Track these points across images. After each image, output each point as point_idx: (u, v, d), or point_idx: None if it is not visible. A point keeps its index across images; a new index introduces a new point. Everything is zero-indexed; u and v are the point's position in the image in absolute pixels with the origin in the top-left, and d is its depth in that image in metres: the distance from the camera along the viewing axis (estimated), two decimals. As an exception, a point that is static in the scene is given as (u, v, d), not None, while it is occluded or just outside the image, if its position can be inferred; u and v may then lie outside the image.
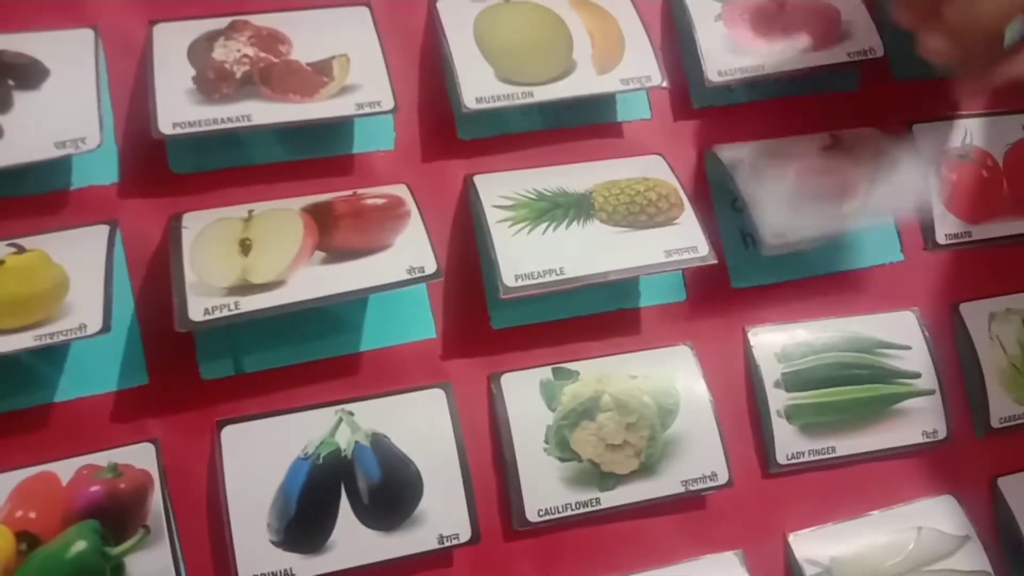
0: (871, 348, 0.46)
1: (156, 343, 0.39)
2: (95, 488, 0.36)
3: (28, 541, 0.35)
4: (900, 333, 0.46)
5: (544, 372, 0.42)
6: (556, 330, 0.43)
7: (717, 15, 0.46)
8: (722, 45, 0.45)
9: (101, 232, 0.38)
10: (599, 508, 0.41)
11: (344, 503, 0.38)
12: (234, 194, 0.41)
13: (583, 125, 0.45)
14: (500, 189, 0.42)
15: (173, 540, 0.36)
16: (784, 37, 0.46)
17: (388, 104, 0.40)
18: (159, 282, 0.38)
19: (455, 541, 0.38)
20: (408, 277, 0.37)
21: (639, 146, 0.45)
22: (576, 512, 0.40)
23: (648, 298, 0.45)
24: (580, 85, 0.43)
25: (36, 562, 0.35)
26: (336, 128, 0.42)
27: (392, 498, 0.38)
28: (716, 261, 0.41)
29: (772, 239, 0.42)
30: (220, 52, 0.40)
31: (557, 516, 0.40)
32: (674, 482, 0.41)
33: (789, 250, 0.42)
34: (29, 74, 0.39)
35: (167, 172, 0.40)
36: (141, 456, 0.37)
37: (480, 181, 0.42)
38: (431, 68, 0.44)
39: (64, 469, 0.37)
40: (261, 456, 0.38)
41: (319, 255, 0.37)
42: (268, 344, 0.40)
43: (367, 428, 0.39)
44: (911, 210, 0.44)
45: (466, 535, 0.39)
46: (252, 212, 0.39)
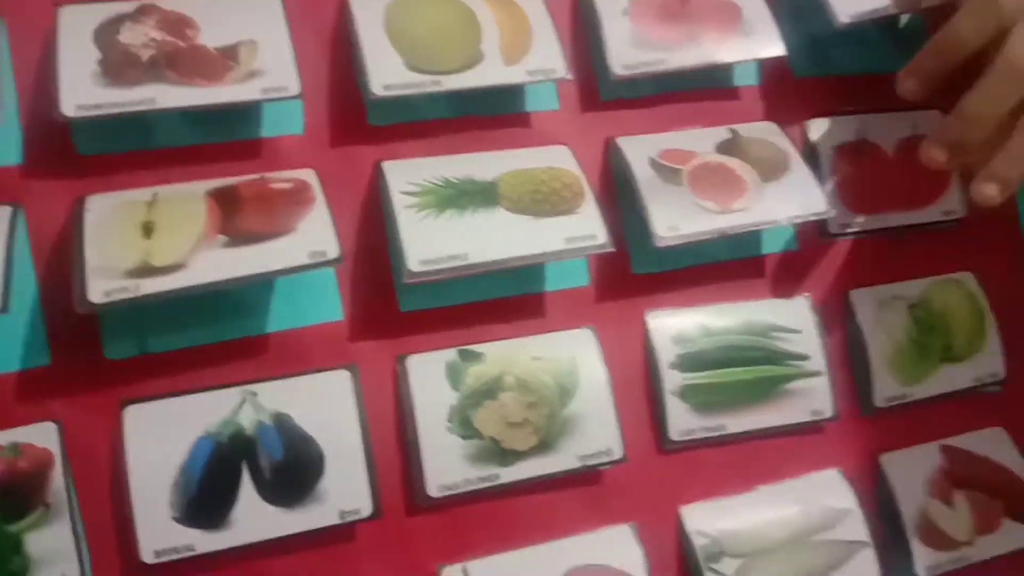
0: (764, 332, 0.48)
1: (60, 324, 0.39)
2: (-5, 467, 0.37)
3: (-73, 519, 0.36)
4: (792, 318, 0.49)
5: (450, 354, 0.44)
6: (463, 313, 0.45)
7: (624, 10, 0.47)
8: (628, 39, 0.47)
9: (3, 213, 0.38)
10: (499, 483, 0.42)
11: (246, 481, 0.39)
12: (141, 177, 0.41)
13: (493, 114, 0.46)
14: (408, 176, 0.43)
15: (74, 518, 0.37)
16: (688, 33, 0.48)
17: (294, 89, 0.41)
18: (63, 264, 0.39)
19: (356, 516, 0.40)
20: (310, 262, 0.38)
21: (547, 136, 0.47)
22: (477, 487, 0.42)
23: (552, 283, 0.46)
24: (488, 75, 0.44)
25: (-65, 539, 0.35)
26: (244, 112, 0.42)
27: (293, 475, 0.39)
28: (614, 249, 0.43)
29: (664, 233, 0.44)
30: (127, 35, 0.40)
31: (458, 491, 0.42)
32: (571, 458, 0.43)
33: (683, 243, 0.44)
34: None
35: (73, 154, 0.40)
36: (42, 435, 0.38)
37: (388, 167, 0.44)
38: (342, 55, 0.44)
39: (-36, 448, 0.37)
40: (164, 435, 0.39)
41: (222, 238, 0.38)
42: (173, 324, 0.40)
43: (271, 408, 0.40)
44: (801, 208, 0.46)
45: (367, 510, 0.40)
46: (156, 195, 0.39)
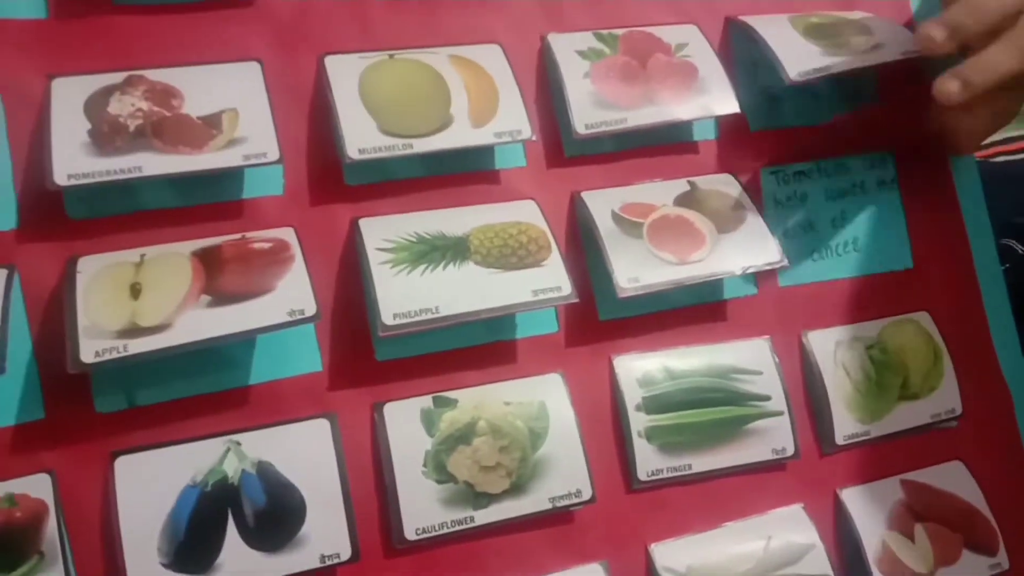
0: (726, 374, 0.50)
1: (53, 379, 0.41)
2: (-9, 517, 0.39)
3: (-75, 569, 0.38)
4: (753, 360, 0.51)
5: (425, 401, 0.46)
6: (437, 361, 0.47)
7: (586, 72, 0.50)
8: (590, 100, 0.49)
9: (-1, 275, 0.41)
10: (473, 525, 0.44)
11: (231, 527, 0.41)
12: (129, 238, 0.43)
13: (463, 172, 0.49)
14: (383, 232, 0.46)
15: (67, 565, 0.39)
16: (646, 93, 0.50)
17: (274, 155, 0.43)
18: (56, 323, 0.41)
19: (336, 560, 0.42)
20: (289, 319, 0.41)
21: (515, 192, 0.49)
22: (452, 530, 0.44)
23: (523, 330, 0.49)
24: (457, 138, 0.46)
25: (-68, 589, 0.37)
26: (227, 176, 0.45)
27: (276, 521, 0.41)
28: (578, 299, 0.45)
29: (626, 285, 0.46)
30: (115, 106, 0.43)
31: (433, 534, 0.44)
32: (543, 499, 0.45)
33: (643, 293, 0.46)
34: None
35: (64, 218, 0.43)
36: (37, 486, 0.40)
37: (364, 225, 0.46)
38: (320, 119, 0.47)
39: (-38, 500, 0.39)
40: (153, 484, 0.41)
41: (205, 298, 0.40)
42: (160, 379, 0.42)
43: (254, 457, 0.42)
44: (755, 258, 0.49)
45: (347, 554, 0.42)
46: (144, 256, 0.42)
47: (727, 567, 0.48)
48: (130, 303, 0.40)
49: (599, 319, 0.50)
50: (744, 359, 0.51)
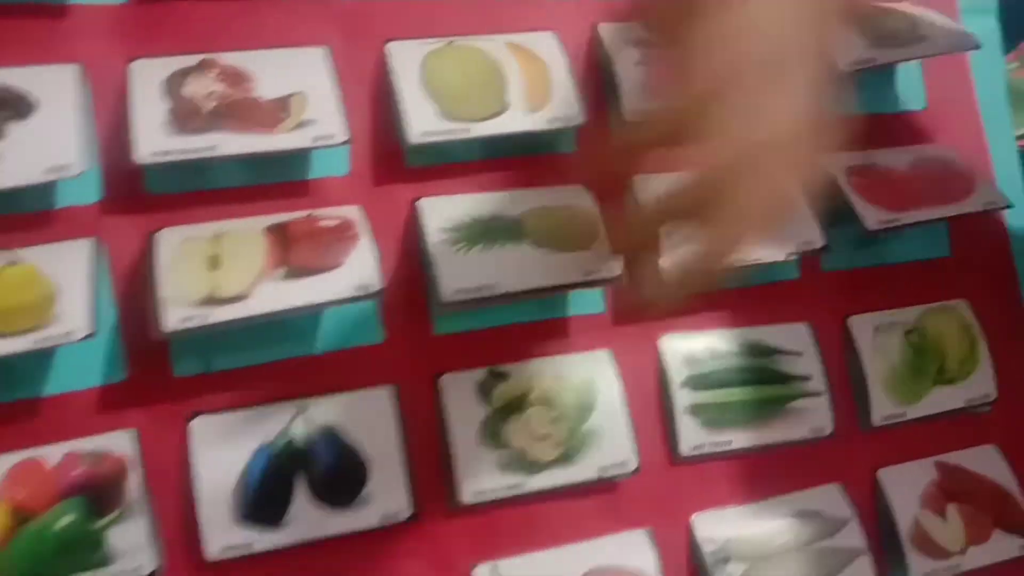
0: (768, 354, 0.52)
1: (135, 345, 0.44)
2: (79, 471, 0.42)
3: (19, 518, 0.41)
4: (794, 341, 0.53)
5: (480, 373, 0.48)
6: (492, 336, 0.49)
7: (637, 61, 0.52)
8: (641, 87, 0.51)
9: (85, 247, 0.43)
10: (525, 491, 0.47)
11: (300, 485, 0.43)
12: (204, 213, 0.46)
13: (519, 156, 0.51)
14: (442, 213, 0.48)
15: (148, 517, 0.42)
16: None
17: (341, 137, 0.45)
18: (137, 291, 0.44)
19: (396, 519, 0.44)
20: (356, 295, 0.43)
21: (566, 176, 0.51)
22: (505, 495, 0.46)
23: (574, 309, 0.51)
24: (512, 123, 0.48)
25: (27, 535, 0.40)
26: (295, 156, 0.47)
27: (341, 481, 0.44)
28: (626, 281, 0.47)
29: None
30: (190, 88, 0.45)
31: (488, 498, 0.46)
32: (590, 468, 0.48)
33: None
34: (20, 106, 0.44)
35: (144, 193, 0.45)
36: (120, 443, 0.42)
37: (424, 205, 0.48)
38: (383, 103, 0.49)
39: (51, 454, 0.42)
40: (227, 445, 0.43)
41: (279, 272, 0.43)
42: (235, 346, 0.45)
43: (320, 421, 0.44)
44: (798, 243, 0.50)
45: (406, 514, 0.44)
46: (220, 231, 0.44)
47: (765, 539, 0.50)
48: (209, 274, 0.42)
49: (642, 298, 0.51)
50: (786, 341, 0.53)
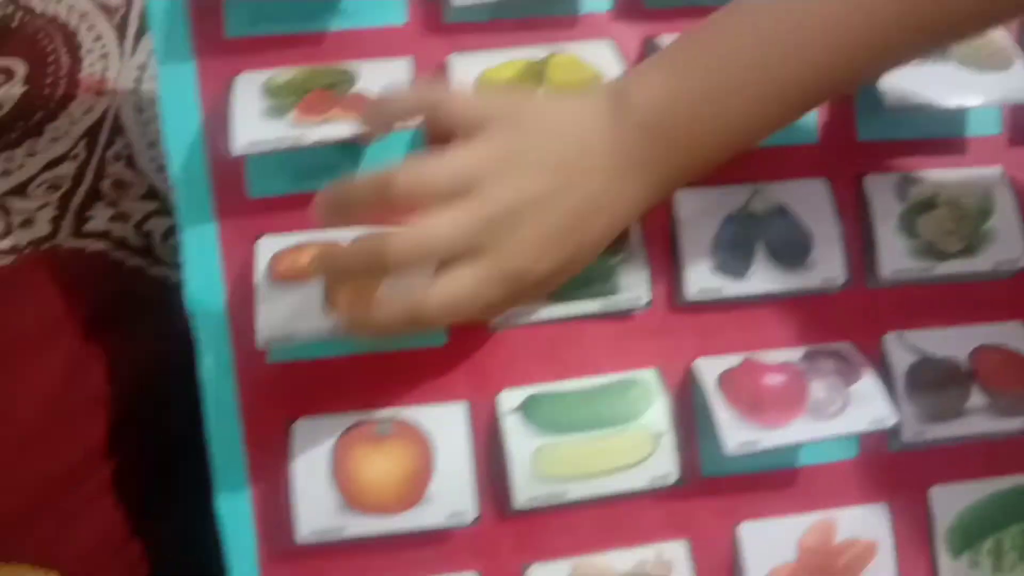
0: None
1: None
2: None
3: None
4: None
5: (896, 176, 0.57)
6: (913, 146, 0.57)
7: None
8: None
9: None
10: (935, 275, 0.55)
11: (759, 248, 0.54)
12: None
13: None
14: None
15: (645, 261, 0.53)
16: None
17: None
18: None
19: (833, 285, 0.54)
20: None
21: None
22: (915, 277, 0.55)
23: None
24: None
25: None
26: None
27: (791, 247, 0.54)
28: None
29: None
30: None
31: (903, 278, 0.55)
32: (988, 262, 0.56)
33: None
34: None
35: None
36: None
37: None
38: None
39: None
40: (704, 217, 0.54)
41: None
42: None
43: (774, 200, 0.55)
44: None
45: (840, 281, 0.54)
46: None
47: None
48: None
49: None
50: None
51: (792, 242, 0.54)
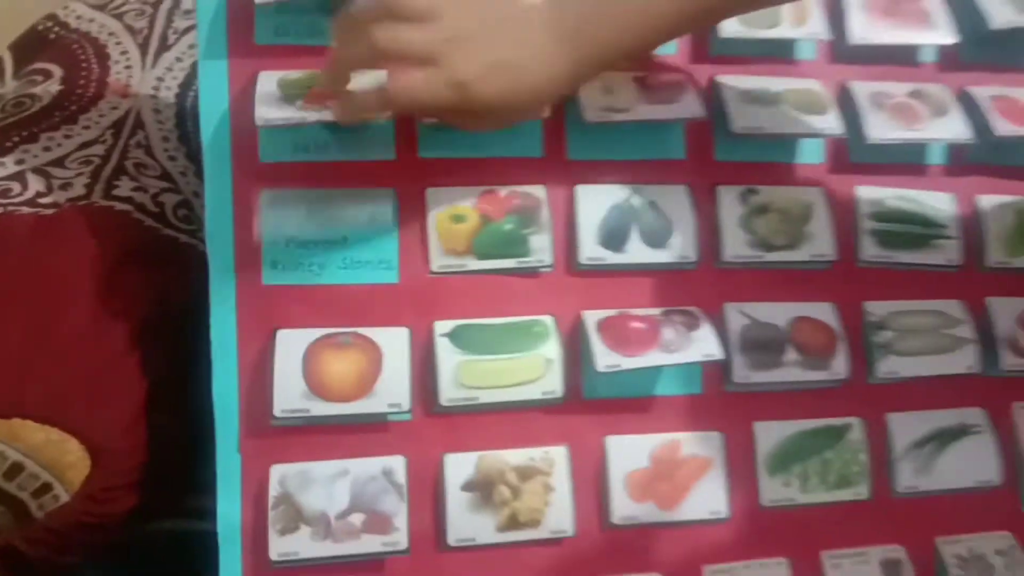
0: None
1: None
2: (517, 202, 0.72)
3: (484, 220, 0.71)
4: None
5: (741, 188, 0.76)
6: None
7: None
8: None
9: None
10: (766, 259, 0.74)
11: (633, 232, 0.72)
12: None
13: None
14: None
15: (550, 235, 0.72)
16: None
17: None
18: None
19: (684, 263, 0.73)
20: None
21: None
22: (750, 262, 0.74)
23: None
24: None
25: (489, 230, 0.71)
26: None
27: (654, 232, 0.73)
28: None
29: None
30: None
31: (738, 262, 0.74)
32: (804, 254, 0.75)
33: None
34: None
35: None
36: (538, 193, 0.73)
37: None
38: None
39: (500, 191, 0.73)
40: (597, 202, 0.73)
41: (642, 101, 0.73)
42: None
43: (645, 199, 0.74)
44: None
45: (693, 260, 0.73)
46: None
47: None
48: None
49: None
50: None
51: (659, 229, 0.73)
